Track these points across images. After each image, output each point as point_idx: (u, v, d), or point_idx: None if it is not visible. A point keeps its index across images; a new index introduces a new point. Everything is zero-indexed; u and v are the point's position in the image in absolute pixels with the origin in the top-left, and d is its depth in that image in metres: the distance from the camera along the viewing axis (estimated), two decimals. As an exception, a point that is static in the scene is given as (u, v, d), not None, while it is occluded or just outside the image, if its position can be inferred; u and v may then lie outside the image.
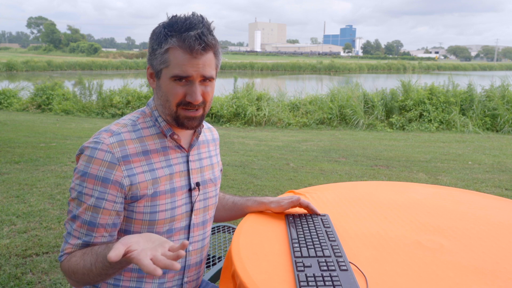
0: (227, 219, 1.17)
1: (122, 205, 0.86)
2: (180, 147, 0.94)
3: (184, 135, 0.96)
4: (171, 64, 0.85)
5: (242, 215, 1.13)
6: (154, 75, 0.90)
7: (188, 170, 0.95)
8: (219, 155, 1.11)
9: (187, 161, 0.96)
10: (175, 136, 0.92)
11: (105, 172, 0.83)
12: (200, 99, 0.86)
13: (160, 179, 0.89)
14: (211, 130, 1.11)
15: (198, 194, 0.97)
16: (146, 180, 0.87)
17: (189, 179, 0.95)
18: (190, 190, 0.95)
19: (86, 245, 0.86)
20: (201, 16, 0.86)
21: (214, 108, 7.75)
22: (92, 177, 0.83)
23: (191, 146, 0.97)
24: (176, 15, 0.86)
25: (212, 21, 0.88)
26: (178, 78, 0.85)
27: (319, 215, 1.06)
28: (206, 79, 0.87)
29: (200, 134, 0.98)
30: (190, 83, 0.86)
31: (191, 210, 0.96)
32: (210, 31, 0.86)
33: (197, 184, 0.96)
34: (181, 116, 0.88)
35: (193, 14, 0.86)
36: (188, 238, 0.96)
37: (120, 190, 0.85)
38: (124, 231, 0.90)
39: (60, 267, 0.88)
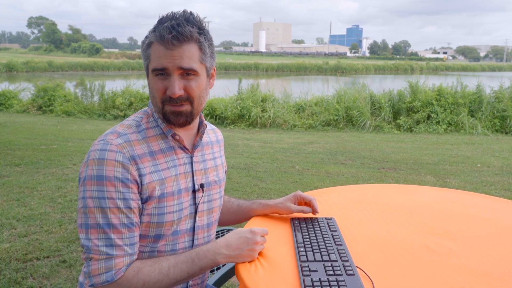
0: (232, 222, 1.16)
1: (141, 203, 0.86)
2: (183, 148, 0.93)
3: (186, 136, 0.95)
4: (151, 58, 0.85)
5: (247, 218, 1.12)
6: (147, 75, 0.90)
7: (192, 171, 0.95)
8: (223, 157, 1.10)
9: (191, 162, 0.95)
10: (177, 137, 0.91)
11: (122, 172, 0.81)
12: (178, 92, 0.84)
13: (166, 180, 0.88)
14: (215, 132, 1.10)
15: (202, 196, 0.96)
16: (154, 181, 0.86)
17: (193, 180, 0.94)
18: (194, 191, 0.94)
19: (134, 250, 0.82)
20: (189, 12, 0.85)
21: (218, 110, 7.74)
22: (111, 179, 0.80)
23: (194, 147, 0.96)
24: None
25: (205, 17, 0.87)
26: (157, 73, 0.85)
27: (314, 214, 1.08)
28: (187, 73, 0.85)
29: (203, 134, 0.97)
30: (169, 76, 0.85)
31: (195, 212, 0.95)
32: (190, 22, 0.83)
33: (201, 186, 0.96)
34: (168, 112, 0.87)
35: (184, 11, 0.86)
36: (192, 241, 0.96)
37: (138, 188, 0.84)
38: None
39: (118, 285, 0.79)
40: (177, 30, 0.82)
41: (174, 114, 0.87)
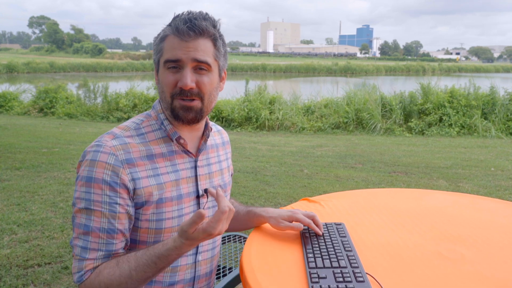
0: (231, 230, 1.10)
1: (133, 208, 0.84)
2: (187, 152, 0.92)
3: (191, 139, 0.93)
4: (164, 51, 0.85)
5: (246, 228, 1.08)
6: (156, 71, 0.90)
7: (196, 176, 0.93)
8: (229, 159, 1.08)
9: (195, 167, 0.93)
10: (181, 141, 0.90)
11: (111, 175, 0.80)
12: (189, 84, 0.83)
13: (165, 184, 0.86)
14: (221, 133, 1.08)
15: (207, 201, 0.95)
16: (151, 185, 0.84)
17: (196, 185, 0.92)
18: (198, 197, 0.93)
19: (109, 255, 0.82)
20: (206, 12, 0.87)
21: (225, 112, 7.72)
22: (99, 181, 0.80)
23: (199, 150, 0.94)
24: None
25: (219, 19, 0.88)
26: (170, 65, 0.84)
27: (320, 235, 0.97)
28: (201, 67, 0.84)
29: (208, 137, 0.95)
30: (182, 69, 0.84)
31: None
32: (206, 19, 0.85)
33: (205, 191, 0.93)
34: (177, 107, 0.86)
35: (200, 11, 0.87)
36: (196, 248, 0.94)
37: (128, 193, 0.83)
38: (130, 240, 0.87)
39: (84, 286, 0.81)
40: (193, 22, 0.83)
41: (183, 109, 0.86)
